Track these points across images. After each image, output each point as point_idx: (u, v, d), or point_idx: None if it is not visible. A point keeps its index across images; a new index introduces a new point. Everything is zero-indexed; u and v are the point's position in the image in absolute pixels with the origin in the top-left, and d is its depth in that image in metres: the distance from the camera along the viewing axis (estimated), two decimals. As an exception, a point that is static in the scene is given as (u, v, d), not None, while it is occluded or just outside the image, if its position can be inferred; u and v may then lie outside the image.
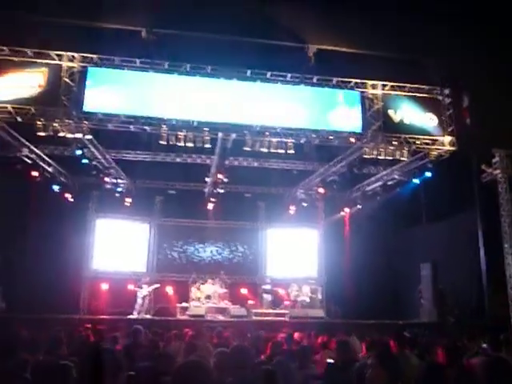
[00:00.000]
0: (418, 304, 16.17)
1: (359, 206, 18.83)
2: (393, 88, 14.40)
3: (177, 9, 12.15)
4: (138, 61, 13.38)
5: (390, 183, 16.94)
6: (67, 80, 12.93)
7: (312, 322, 15.02)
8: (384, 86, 14.37)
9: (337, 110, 14.24)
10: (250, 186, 20.20)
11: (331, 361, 5.80)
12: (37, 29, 12.10)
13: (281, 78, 14.11)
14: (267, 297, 18.02)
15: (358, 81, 14.27)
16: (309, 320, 15.42)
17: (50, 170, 16.23)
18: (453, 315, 14.86)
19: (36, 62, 12.92)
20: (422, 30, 12.52)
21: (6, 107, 12.67)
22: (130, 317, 15.48)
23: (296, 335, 8.64)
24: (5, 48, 12.79)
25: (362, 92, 14.35)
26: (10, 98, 12.74)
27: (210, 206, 18.80)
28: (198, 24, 12.38)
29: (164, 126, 13.48)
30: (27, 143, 14.42)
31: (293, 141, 14.23)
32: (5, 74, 12.85)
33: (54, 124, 12.76)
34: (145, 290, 16.36)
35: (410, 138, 14.22)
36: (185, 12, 12.22)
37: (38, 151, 15.13)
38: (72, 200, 17.42)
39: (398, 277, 18.15)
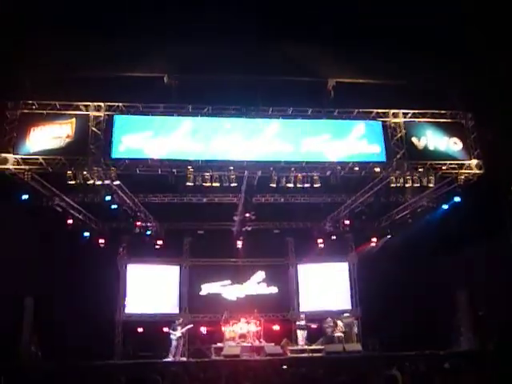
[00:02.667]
0: (458, 332, 15.71)
1: (389, 236, 18.66)
2: (414, 115, 14.39)
3: (196, 53, 12.51)
4: (161, 106, 13.71)
5: (419, 210, 16.77)
6: (94, 129, 13.29)
7: (349, 356, 14.70)
8: (405, 114, 14.37)
9: (359, 141, 14.23)
10: (278, 221, 20.21)
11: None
12: (62, 82, 12.57)
13: (302, 114, 14.25)
14: (302, 333, 17.74)
15: (380, 110, 14.31)
16: (346, 355, 15.08)
17: (80, 217, 16.58)
18: (493, 343, 14.35)
19: (64, 114, 13.37)
20: (437, 58, 12.64)
21: (38, 159, 13.06)
22: (166, 360, 15.39)
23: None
24: (34, 102, 13.28)
25: (383, 121, 14.36)
26: (41, 149, 13.13)
27: (240, 245, 18.87)
28: (216, 66, 12.69)
29: (190, 168, 13.67)
30: (58, 192, 14.82)
31: (318, 174, 14.26)
32: (35, 128, 13.28)
33: (84, 172, 13.08)
34: (178, 332, 16.29)
35: (435, 163, 14.09)
36: (204, 55, 12.56)
37: (68, 200, 15.52)
38: (103, 245, 17.68)
39: (435, 305, 17.70)
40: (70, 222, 15.94)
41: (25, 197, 13.86)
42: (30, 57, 12.44)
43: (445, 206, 15.48)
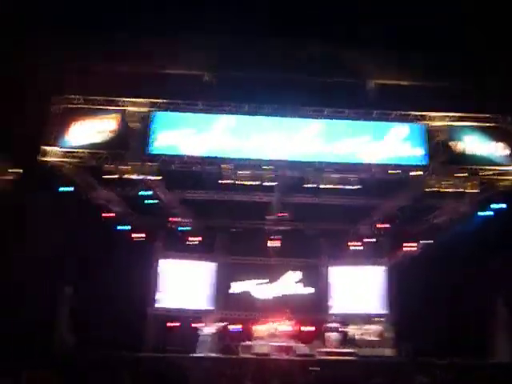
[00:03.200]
0: (494, 341, 15.27)
1: (427, 240, 18.31)
2: (455, 119, 14.06)
3: (236, 51, 12.59)
4: (200, 103, 13.82)
5: (458, 215, 16.40)
6: (135, 124, 13.51)
7: (380, 361, 14.52)
8: (446, 117, 14.07)
9: (403, 144, 14.01)
10: (312, 222, 20.09)
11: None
12: (107, 77, 12.82)
13: (340, 114, 14.12)
14: (332, 335, 17.62)
15: (419, 113, 14.05)
16: (377, 359, 14.90)
17: (118, 210, 16.87)
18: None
19: (107, 109, 13.63)
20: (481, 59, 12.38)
21: (79, 152, 13.37)
22: (195, 355, 15.52)
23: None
24: (80, 97, 13.59)
25: (423, 124, 14.09)
26: (82, 143, 13.45)
27: (273, 244, 18.87)
28: (256, 64, 12.73)
29: (225, 165, 13.74)
30: (97, 185, 15.13)
31: (355, 176, 14.09)
32: (78, 122, 13.61)
33: (123, 166, 13.31)
34: (208, 328, 16.40)
35: (476, 168, 13.75)
36: (244, 54, 12.63)
37: (107, 193, 15.81)
38: (139, 239, 17.96)
39: (471, 313, 17.27)
40: (107, 214, 16.26)
41: (65, 189, 14.19)
42: (74, 52, 12.77)
43: (484, 212, 15.08)
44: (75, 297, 14.81)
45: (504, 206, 14.23)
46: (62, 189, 14.17)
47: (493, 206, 14.52)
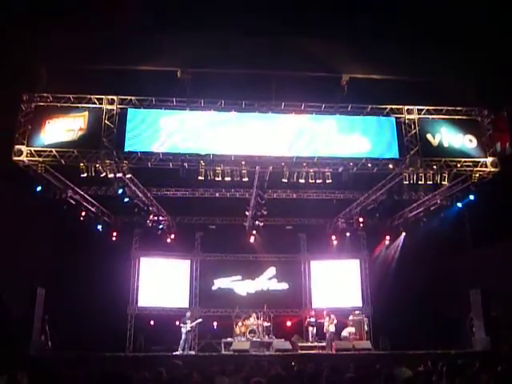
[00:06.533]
0: (470, 332, 15.48)
1: (403, 234, 18.51)
2: (429, 112, 14.19)
3: (210, 47, 12.49)
4: (174, 100, 13.71)
5: (432, 208, 16.57)
6: (107, 122, 13.34)
7: (359, 354, 14.62)
8: (420, 110, 14.19)
9: (374, 137, 14.08)
10: (291, 217, 20.15)
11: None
12: (76, 75, 12.62)
13: (315, 109, 14.14)
14: (312, 330, 17.69)
15: (393, 106, 14.14)
16: (356, 352, 14.98)
17: (93, 209, 16.70)
18: (508, 344, 14.10)
19: (77, 107, 13.43)
20: (455, 53, 12.47)
21: (51, 151, 13.14)
22: (175, 353, 15.44)
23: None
24: (49, 95, 13.37)
25: (397, 118, 14.19)
26: (54, 141, 13.22)
27: (251, 240, 18.88)
28: (230, 60, 12.65)
29: (202, 162, 13.66)
30: (71, 185, 14.93)
31: (330, 170, 14.15)
32: (49, 120, 13.38)
33: (96, 165, 13.15)
34: (188, 326, 16.33)
35: (450, 161, 13.87)
36: (218, 49, 12.54)
37: (81, 192, 15.63)
38: (115, 239, 17.81)
39: (447, 304, 17.48)
40: (83, 214, 16.09)
41: (39, 189, 13.99)
42: (45, 50, 12.52)
43: (459, 204, 15.27)
44: (50, 298, 14.55)
45: (473, 197, 14.40)
46: (37, 188, 13.98)
47: (467, 198, 14.68)
